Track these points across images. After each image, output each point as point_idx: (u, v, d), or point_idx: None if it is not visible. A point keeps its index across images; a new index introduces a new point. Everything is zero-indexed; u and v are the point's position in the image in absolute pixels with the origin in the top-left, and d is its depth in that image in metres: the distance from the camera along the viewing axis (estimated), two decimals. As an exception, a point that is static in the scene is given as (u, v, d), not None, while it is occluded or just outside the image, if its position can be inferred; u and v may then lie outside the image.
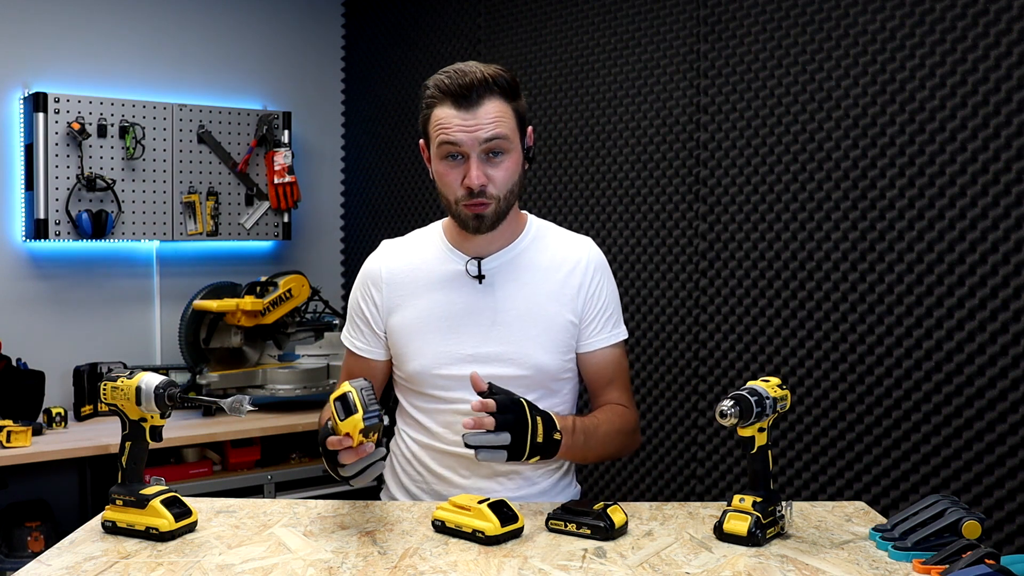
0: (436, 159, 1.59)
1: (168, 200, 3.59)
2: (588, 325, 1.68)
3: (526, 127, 1.62)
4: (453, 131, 1.53)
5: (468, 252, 1.67)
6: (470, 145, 1.54)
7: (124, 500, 1.40)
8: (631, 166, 2.91)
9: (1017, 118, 2.05)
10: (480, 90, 1.53)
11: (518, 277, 1.66)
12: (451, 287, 1.66)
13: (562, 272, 1.67)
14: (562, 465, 1.74)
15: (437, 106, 1.56)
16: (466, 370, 1.60)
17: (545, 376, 1.65)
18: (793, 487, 2.48)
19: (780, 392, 1.40)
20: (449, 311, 1.65)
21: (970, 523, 1.30)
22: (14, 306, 3.36)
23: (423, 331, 1.65)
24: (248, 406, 1.38)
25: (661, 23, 2.83)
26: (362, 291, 1.74)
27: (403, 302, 1.68)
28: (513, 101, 1.57)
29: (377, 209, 4.03)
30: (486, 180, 1.55)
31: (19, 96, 3.37)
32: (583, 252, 1.70)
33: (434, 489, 1.69)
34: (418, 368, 1.65)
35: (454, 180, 1.57)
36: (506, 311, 1.64)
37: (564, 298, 1.66)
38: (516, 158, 1.59)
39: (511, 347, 1.63)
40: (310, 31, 4.11)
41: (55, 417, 3.04)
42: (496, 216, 1.59)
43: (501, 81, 1.55)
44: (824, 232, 2.42)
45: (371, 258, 1.76)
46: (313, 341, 3.58)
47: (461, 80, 1.52)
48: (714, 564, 1.28)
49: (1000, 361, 2.10)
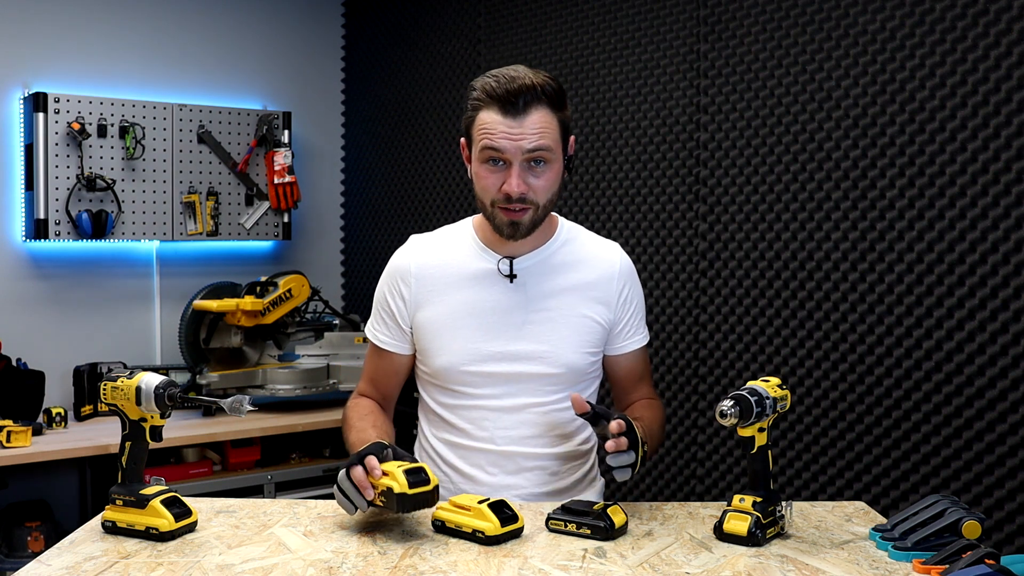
0: (477, 161, 1.58)
1: (168, 200, 3.59)
2: (622, 330, 1.71)
3: (569, 137, 1.61)
4: (497, 138, 1.52)
5: (500, 252, 1.67)
6: (513, 153, 1.52)
7: (124, 500, 1.40)
8: (631, 166, 2.91)
9: (1017, 118, 2.05)
10: (528, 98, 1.51)
11: (550, 277, 1.67)
12: (482, 285, 1.66)
13: (593, 275, 1.69)
14: (586, 461, 1.75)
15: (483, 109, 1.55)
16: (495, 367, 1.62)
17: (574, 375, 1.66)
18: (793, 487, 2.48)
19: (780, 392, 1.40)
20: (480, 308, 1.65)
21: (970, 523, 1.30)
22: (14, 306, 3.36)
23: (452, 327, 1.65)
24: (248, 406, 1.38)
25: (661, 23, 2.83)
26: (390, 285, 1.73)
27: (432, 298, 1.68)
28: (559, 111, 1.56)
29: (377, 209, 4.03)
30: (526, 188, 1.54)
31: (19, 96, 3.37)
32: (615, 258, 1.72)
33: (461, 489, 1.68)
34: (446, 364, 1.65)
35: (492, 184, 1.56)
36: (537, 310, 1.65)
37: (594, 300, 1.67)
38: (557, 168, 1.58)
39: (542, 346, 1.64)
40: (310, 31, 4.11)
41: (55, 417, 3.04)
42: (532, 224, 1.59)
43: (549, 90, 1.53)
44: (824, 232, 2.42)
45: (399, 252, 1.74)
46: (313, 341, 3.58)
47: (510, 86, 1.51)
48: (714, 564, 1.28)
49: (1000, 361, 2.10)
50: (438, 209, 3.70)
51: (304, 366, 3.47)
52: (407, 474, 1.35)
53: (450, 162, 3.65)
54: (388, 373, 1.76)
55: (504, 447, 1.65)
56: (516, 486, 1.65)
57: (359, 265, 4.17)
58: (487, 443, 1.65)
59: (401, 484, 1.34)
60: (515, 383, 1.64)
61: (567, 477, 1.70)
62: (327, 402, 3.40)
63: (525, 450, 1.65)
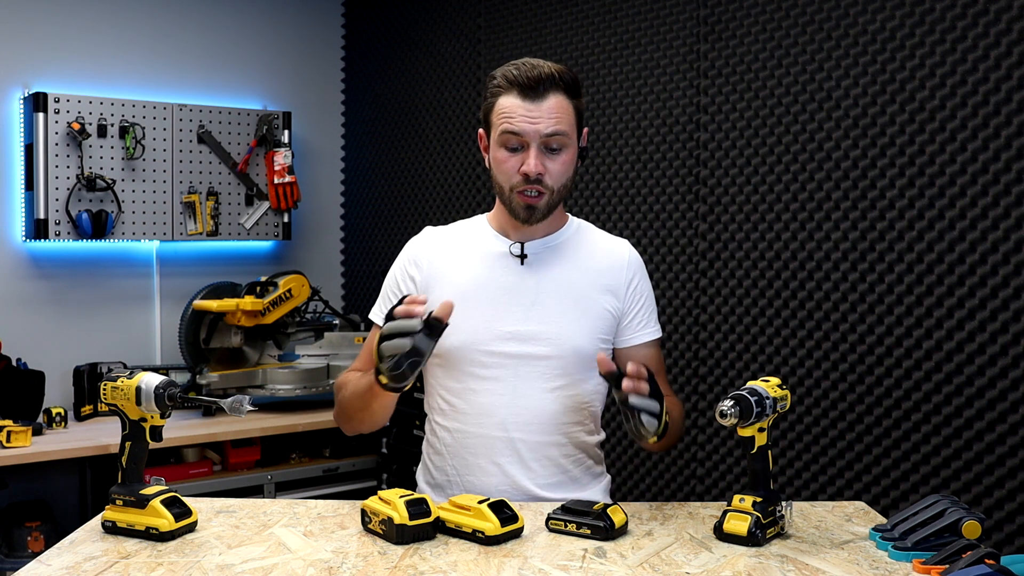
0: (496, 146, 1.63)
1: (168, 200, 3.59)
2: (631, 322, 1.73)
3: (583, 126, 1.67)
4: (517, 120, 1.58)
5: (512, 237, 1.71)
6: (531, 136, 1.58)
7: (124, 500, 1.40)
8: (631, 166, 2.91)
9: (1017, 118, 2.05)
10: (547, 84, 1.58)
11: (560, 262, 1.70)
12: (494, 265, 1.69)
13: (603, 264, 1.73)
14: (594, 454, 1.76)
15: (503, 95, 1.61)
16: (504, 347, 1.64)
17: (579, 360, 1.66)
18: (793, 487, 2.48)
19: (780, 392, 1.40)
20: (490, 287, 1.68)
21: (970, 523, 1.30)
22: (14, 306, 3.36)
23: (463, 306, 1.65)
24: (248, 406, 1.38)
25: (661, 23, 2.83)
26: (401, 269, 1.75)
27: (444, 278, 1.70)
28: (575, 99, 1.63)
29: (377, 209, 4.03)
30: (543, 170, 1.60)
31: (19, 96, 3.37)
32: (624, 250, 1.77)
33: (467, 481, 1.67)
34: (456, 344, 1.65)
35: (511, 168, 1.61)
36: (547, 292, 1.68)
37: (604, 288, 1.71)
38: (572, 154, 1.64)
39: (550, 327, 1.66)
40: (310, 31, 4.11)
41: (55, 417, 3.04)
42: (548, 208, 1.64)
43: (567, 78, 1.60)
44: (824, 232, 2.42)
45: (413, 240, 1.78)
46: (313, 341, 3.58)
47: (530, 72, 1.58)
48: (714, 564, 1.28)
49: (1000, 361, 2.10)
50: (438, 209, 3.70)
51: (304, 366, 3.47)
52: (408, 505, 1.36)
53: (450, 162, 3.65)
54: None
55: (512, 433, 1.65)
56: (523, 475, 1.64)
57: (359, 265, 4.17)
58: (496, 429, 1.65)
59: (402, 515, 1.35)
60: (523, 365, 1.65)
61: (573, 470, 1.70)
62: (327, 402, 3.40)
63: (532, 437, 1.65)
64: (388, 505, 1.37)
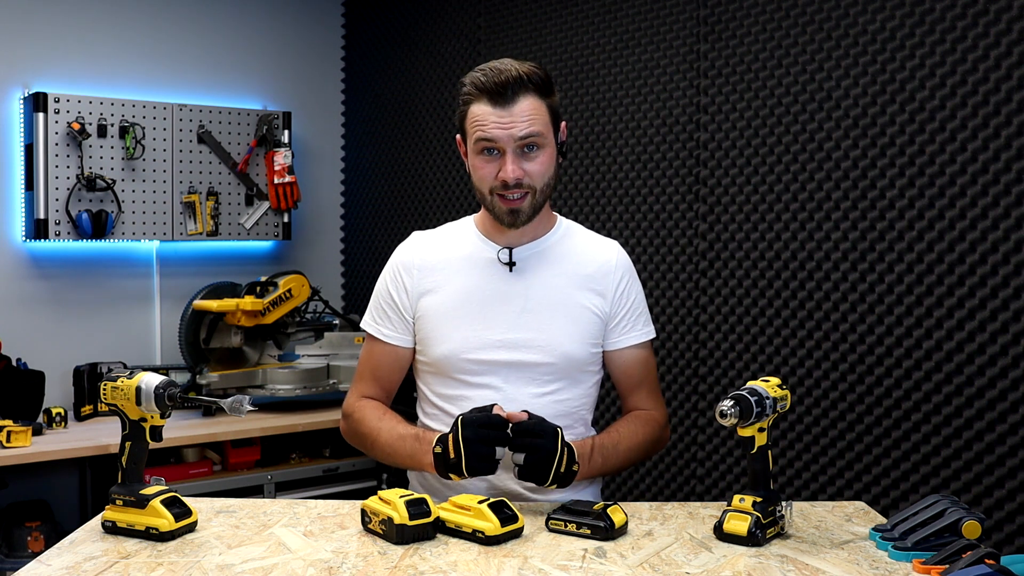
0: (472, 154, 1.63)
1: (168, 200, 3.59)
2: (618, 323, 1.72)
3: (559, 122, 1.66)
4: (489, 128, 1.58)
5: (500, 242, 1.71)
6: (505, 141, 1.58)
7: (124, 500, 1.40)
8: (631, 166, 2.91)
9: (1017, 118, 2.05)
10: (515, 87, 1.57)
11: (548, 267, 1.70)
12: (482, 273, 1.69)
13: (591, 267, 1.72)
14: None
15: (474, 103, 1.60)
16: (495, 355, 1.64)
17: (571, 365, 1.67)
18: (793, 487, 2.48)
19: (780, 392, 1.40)
20: (479, 296, 1.68)
21: (970, 523, 1.30)
22: (14, 306, 3.36)
23: (453, 315, 1.68)
24: (248, 406, 1.38)
25: (661, 23, 2.83)
26: (392, 277, 1.75)
27: (434, 286, 1.70)
28: (547, 98, 1.62)
29: (377, 209, 4.03)
30: (522, 173, 1.59)
31: (19, 96, 3.37)
32: (612, 252, 1.75)
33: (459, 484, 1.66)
34: (446, 352, 1.67)
35: (489, 173, 1.61)
36: (536, 299, 1.67)
37: (592, 291, 1.70)
38: (550, 152, 1.63)
39: (540, 334, 1.66)
40: (310, 31, 4.11)
41: (55, 417, 3.04)
42: (532, 210, 1.63)
43: (535, 78, 1.59)
44: (824, 232, 2.42)
45: (402, 247, 1.78)
46: (313, 341, 3.58)
47: (497, 78, 1.57)
48: (714, 564, 1.28)
49: (1000, 361, 2.10)
50: (438, 208, 3.70)
51: (304, 366, 3.47)
52: (408, 505, 1.36)
53: (450, 162, 3.65)
54: (391, 368, 1.76)
55: None
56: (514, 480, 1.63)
57: (359, 265, 4.16)
58: None
59: (402, 515, 1.35)
60: (514, 372, 1.65)
61: None
62: (327, 402, 3.40)
63: None
64: (388, 505, 1.37)
